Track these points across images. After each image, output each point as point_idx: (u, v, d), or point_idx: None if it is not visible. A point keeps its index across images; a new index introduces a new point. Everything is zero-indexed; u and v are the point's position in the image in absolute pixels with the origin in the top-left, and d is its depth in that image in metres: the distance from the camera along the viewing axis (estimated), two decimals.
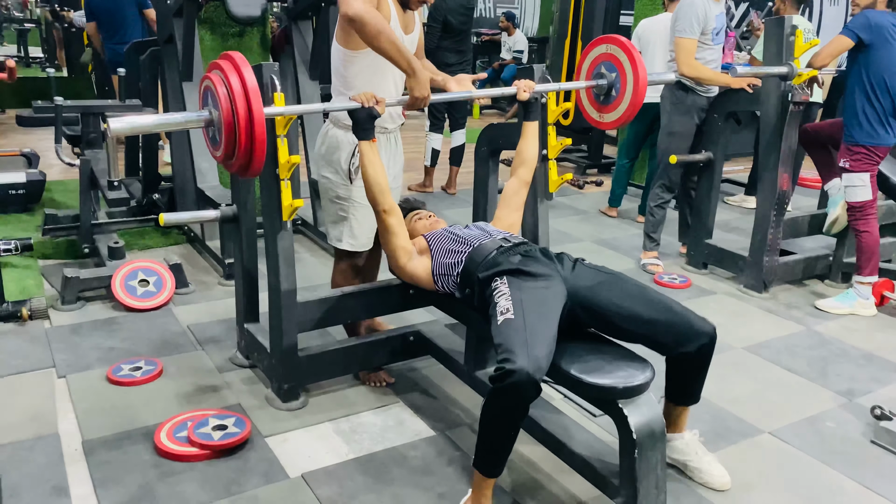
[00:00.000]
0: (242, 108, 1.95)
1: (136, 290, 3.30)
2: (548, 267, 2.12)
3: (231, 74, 1.98)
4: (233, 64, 2.00)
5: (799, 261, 3.99)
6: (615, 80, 2.62)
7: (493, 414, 1.83)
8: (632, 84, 2.56)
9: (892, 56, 3.40)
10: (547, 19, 10.19)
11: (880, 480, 2.30)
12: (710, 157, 4.01)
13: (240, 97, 1.96)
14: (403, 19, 2.52)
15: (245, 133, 1.97)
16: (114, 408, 2.49)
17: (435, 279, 2.34)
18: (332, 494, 2.09)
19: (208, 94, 2.07)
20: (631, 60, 2.54)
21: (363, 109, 2.24)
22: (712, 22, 3.87)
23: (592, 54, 2.68)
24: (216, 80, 2.01)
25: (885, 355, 3.18)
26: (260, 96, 1.99)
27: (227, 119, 1.98)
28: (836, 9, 8.49)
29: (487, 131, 2.97)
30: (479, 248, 2.25)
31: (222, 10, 4.07)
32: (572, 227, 4.95)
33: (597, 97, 2.69)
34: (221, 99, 1.97)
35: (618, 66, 2.58)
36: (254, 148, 1.99)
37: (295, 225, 4.42)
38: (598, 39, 2.70)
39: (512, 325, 1.88)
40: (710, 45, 3.92)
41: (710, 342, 2.01)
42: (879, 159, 3.54)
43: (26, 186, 4.55)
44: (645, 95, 2.65)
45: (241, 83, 1.96)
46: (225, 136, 2.00)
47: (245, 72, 1.98)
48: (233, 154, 2.02)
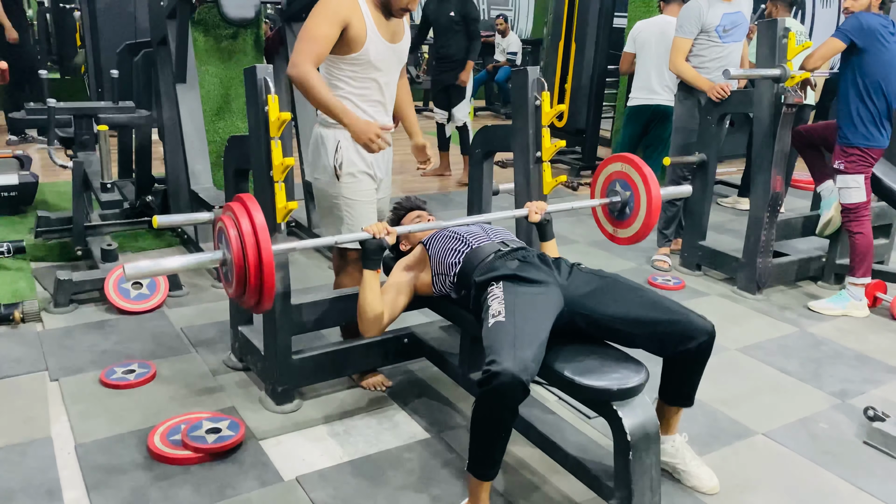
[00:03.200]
0: (252, 252, 1.99)
1: (129, 292, 3.28)
2: (545, 273, 2.12)
3: (241, 216, 2.01)
4: (244, 206, 2.03)
5: (792, 262, 4.01)
6: (629, 199, 2.62)
7: (482, 416, 1.83)
8: (645, 204, 2.56)
9: (885, 58, 3.42)
10: (541, 21, 10.20)
11: (873, 481, 2.30)
12: (703, 158, 4.03)
13: (249, 239, 1.99)
14: (388, 28, 2.49)
15: (255, 272, 2.00)
16: (107, 411, 2.48)
17: (433, 282, 2.34)
18: (327, 497, 2.09)
19: (221, 236, 2.10)
20: (644, 180, 2.55)
21: (374, 241, 2.22)
22: (715, 20, 3.97)
23: (607, 171, 2.69)
24: (228, 222, 2.04)
25: (877, 356, 3.19)
26: (269, 238, 2.01)
27: (238, 260, 2.01)
28: (829, 11, 8.52)
29: (481, 133, 2.97)
30: (476, 251, 2.25)
31: (216, 12, 4.07)
32: (567, 228, 4.96)
33: (611, 213, 2.71)
34: (233, 242, 2.00)
35: (632, 186, 2.60)
36: (263, 286, 2.01)
37: (289, 227, 4.41)
38: (612, 158, 2.71)
39: (501, 328, 1.88)
40: (718, 44, 4.02)
41: (710, 339, 2.01)
42: (874, 161, 3.55)
43: (18, 188, 4.53)
44: (659, 212, 2.64)
45: (251, 225, 1.99)
46: (236, 276, 2.04)
47: (255, 215, 2.00)
48: (244, 292, 2.06)
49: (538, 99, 2.69)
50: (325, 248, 4.02)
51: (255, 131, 2.32)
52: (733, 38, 4.06)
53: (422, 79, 10.30)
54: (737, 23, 4.05)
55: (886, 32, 3.40)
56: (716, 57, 4.05)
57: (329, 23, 2.36)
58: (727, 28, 4.02)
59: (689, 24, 4.00)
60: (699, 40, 4.03)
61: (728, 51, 4.07)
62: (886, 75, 3.43)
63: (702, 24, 3.98)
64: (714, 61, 4.05)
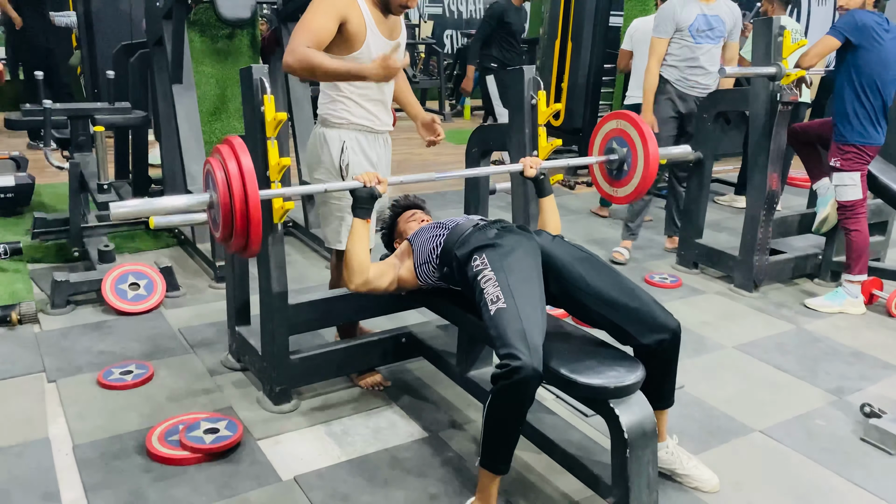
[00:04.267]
0: (238, 192, 1.98)
1: (126, 293, 3.28)
2: (525, 237, 2.14)
3: (229, 159, 2.00)
4: (231, 149, 2.03)
5: (789, 260, 4.02)
6: (626, 156, 2.61)
7: (500, 410, 1.82)
8: (643, 160, 2.55)
9: (880, 56, 3.42)
10: (537, 20, 10.20)
11: (869, 477, 2.31)
12: (699, 156, 4.03)
13: (236, 181, 1.99)
14: (387, 25, 2.49)
15: (241, 215, 1.99)
16: (104, 412, 2.48)
17: (417, 272, 2.33)
18: (325, 497, 2.09)
19: (209, 178, 2.09)
20: (641, 136, 2.53)
21: (364, 189, 2.23)
22: (689, 19, 3.96)
23: (604, 129, 2.68)
24: (215, 164, 2.03)
25: (874, 353, 3.20)
26: (256, 180, 2.01)
27: (224, 202, 2.00)
28: (824, 9, 8.54)
29: (478, 132, 2.98)
30: (456, 228, 2.26)
31: (212, 12, 4.07)
32: (564, 227, 4.87)
33: (609, 172, 2.69)
34: (219, 183, 2.00)
35: (629, 142, 2.58)
36: (250, 229, 2.01)
37: (286, 227, 4.41)
38: (610, 115, 2.70)
39: (506, 315, 1.86)
40: (689, 44, 4.00)
41: (673, 338, 2.00)
42: (870, 158, 3.56)
43: (15, 190, 4.52)
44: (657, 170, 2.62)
45: (238, 167, 1.99)
46: (222, 218, 2.03)
47: (242, 157, 2.00)
48: (230, 236, 2.05)
49: (534, 98, 2.69)
50: (323, 249, 4.03)
51: (251, 131, 2.32)
52: (708, 40, 4.01)
53: (419, 78, 10.29)
54: (713, 25, 4.01)
55: (881, 29, 3.41)
56: (688, 57, 4.05)
57: (326, 15, 2.34)
58: (701, 29, 3.98)
59: (664, 22, 4.01)
60: (673, 39, 4.03)
61: (701, 52, 4.02)
62: (882, 72, 3.44)
63: (676, 22, 3.97)
64: (686, 62, 4.06)
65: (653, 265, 4.24)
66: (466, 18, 12.43)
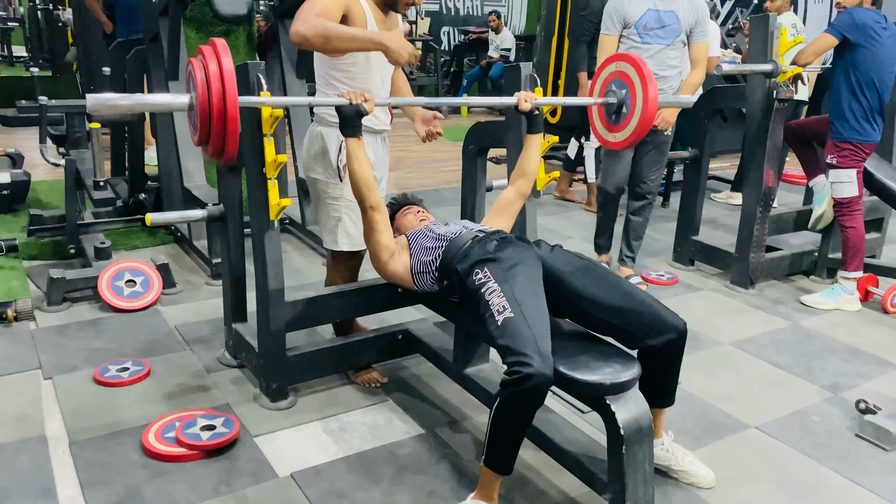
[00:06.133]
0: (217, 92, 1.95)
1: (122, 290, 3.28)
2: (525, 250, 2.14)
3: (210, 59, 1.98)
4: (213, 49, 2.01)
5: (785, 257, 4.03)
6: (625, 98, 2.54)
7: (509, 415, 1.83)
8: (641, 101, 2.48)
9: (878, 54, 3.43)
10: (534, 17, 10.21)
11: (865, 474, 2.32)
12: (696, 154, 4.04)
13: (215, 81, 1.96)
14: (385, 25, 2.47)
15: (218, 116, 1.96)
16: (101, 409, 2.48)
17: (414, 278, 2.33)
18: (322, 493, 2.09)
19: (190, 79, 2.07)
20: (641, 78, 2.46)
21: (351, 106, 2.22)
22: (635, 16, 3.56)
23: (606, 72, 2.61)
24: (196, 64, 2.01)
25: (869, 350, 3.21)
26: (235, 81, 1.98)
27: (202, 102, 1.97)
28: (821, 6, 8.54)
29: (475, 129, 2.97)
30: (454, 241, 2.25)
31: (208, 9, 4.05)
32: (560, 224, 4.97)
33: (608, 116, 2.63)
34: (198, 83, 1.97)
35: (628, 84, 2.52)
36: (226, 131, 1.98)
37: (282, 224, 4.41)
38: (612, 57, 2.63)
39: (514, 324, 1.86)
40: (637, 43, 3.57)
41: (679, 338, 2.00)
42: (866, 156, 3.57)
43: (10, 187, 4.51)
44: (655, 114, 2.52)
45: (218, 67, 1.96)
46: (199, 118, 2.00)
47: (223, 58, 1.97)
48: (207, 138, 2.02)
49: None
50: (320, 246, 4.02)
51: (247, 128, 2.32)
52: (658, 39, 3.57)
53: (416, 75, 10.29)
54: (666, 22, 3.56)
55: (879, 28, 3.41)
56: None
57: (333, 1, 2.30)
58: (650, 27, 3.56)
59: (610, 17, 3.65)
60: (621, 36, 3.63)
61: (650, 53, 3.54)
62: (879, 70, 3.44)
63: (623, 17, 3.59)
64: None
65: (649, 262, 4.25)
66: (463, 15, 12.42)
